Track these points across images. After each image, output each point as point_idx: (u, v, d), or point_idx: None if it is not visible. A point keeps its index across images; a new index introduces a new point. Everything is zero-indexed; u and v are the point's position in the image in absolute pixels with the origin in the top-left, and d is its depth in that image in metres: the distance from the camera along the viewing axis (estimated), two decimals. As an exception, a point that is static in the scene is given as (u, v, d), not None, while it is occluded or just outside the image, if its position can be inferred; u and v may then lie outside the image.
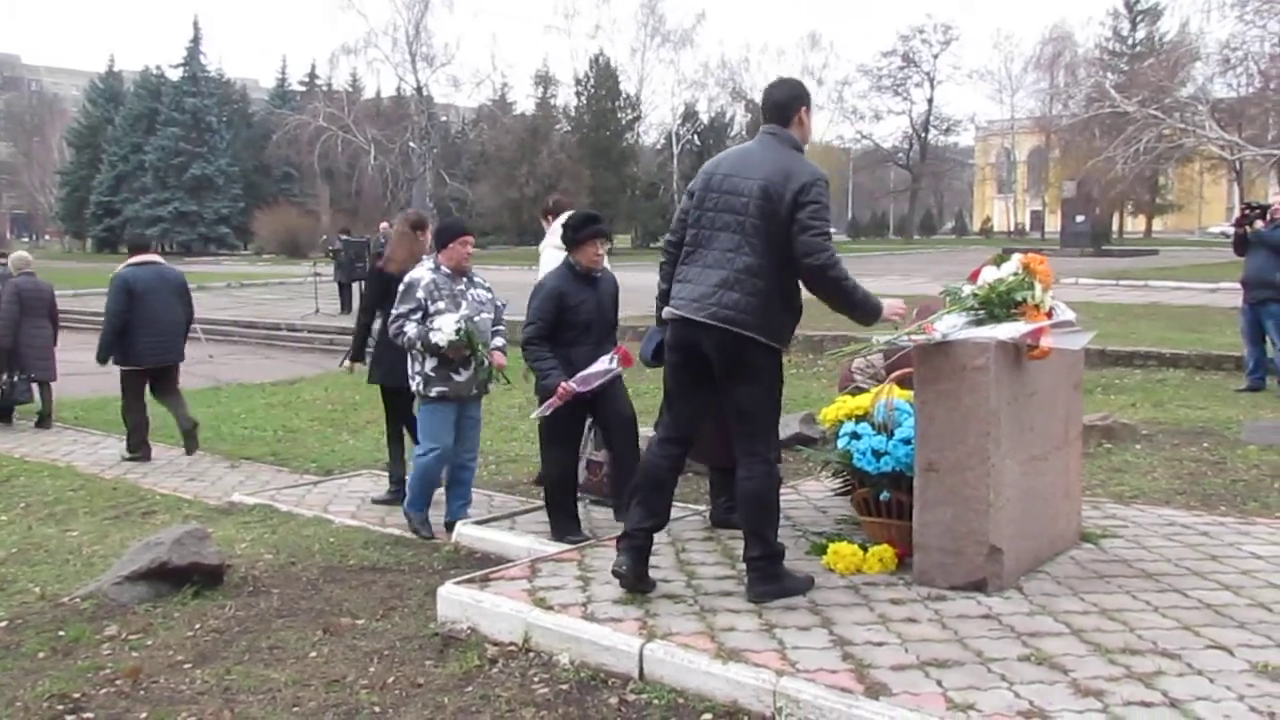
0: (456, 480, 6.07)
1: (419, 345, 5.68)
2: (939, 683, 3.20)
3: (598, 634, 3.73)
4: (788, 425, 8.09)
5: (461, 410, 5.89)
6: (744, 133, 56.17)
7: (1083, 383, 4.90)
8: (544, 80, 55.13)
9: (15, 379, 9.82)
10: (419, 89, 53.33)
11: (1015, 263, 4.19)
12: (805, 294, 4.07)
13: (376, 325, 6.64)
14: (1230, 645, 3.49)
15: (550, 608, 3.96)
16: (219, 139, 58.04)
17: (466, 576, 4.39)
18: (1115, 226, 54.90)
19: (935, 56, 62.80)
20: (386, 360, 6.40)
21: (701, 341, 3.97)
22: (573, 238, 5.43)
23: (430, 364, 5.74)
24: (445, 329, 5.61)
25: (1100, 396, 9.73)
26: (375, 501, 6.69)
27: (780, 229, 3.88)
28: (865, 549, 4.35)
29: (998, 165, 72.69)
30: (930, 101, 64.45)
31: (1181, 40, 37.20)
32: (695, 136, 58.10)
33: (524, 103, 58.46)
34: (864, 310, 3.98)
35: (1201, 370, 11.14)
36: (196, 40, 59.02)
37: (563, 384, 5.25)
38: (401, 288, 5.84)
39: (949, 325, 4.04)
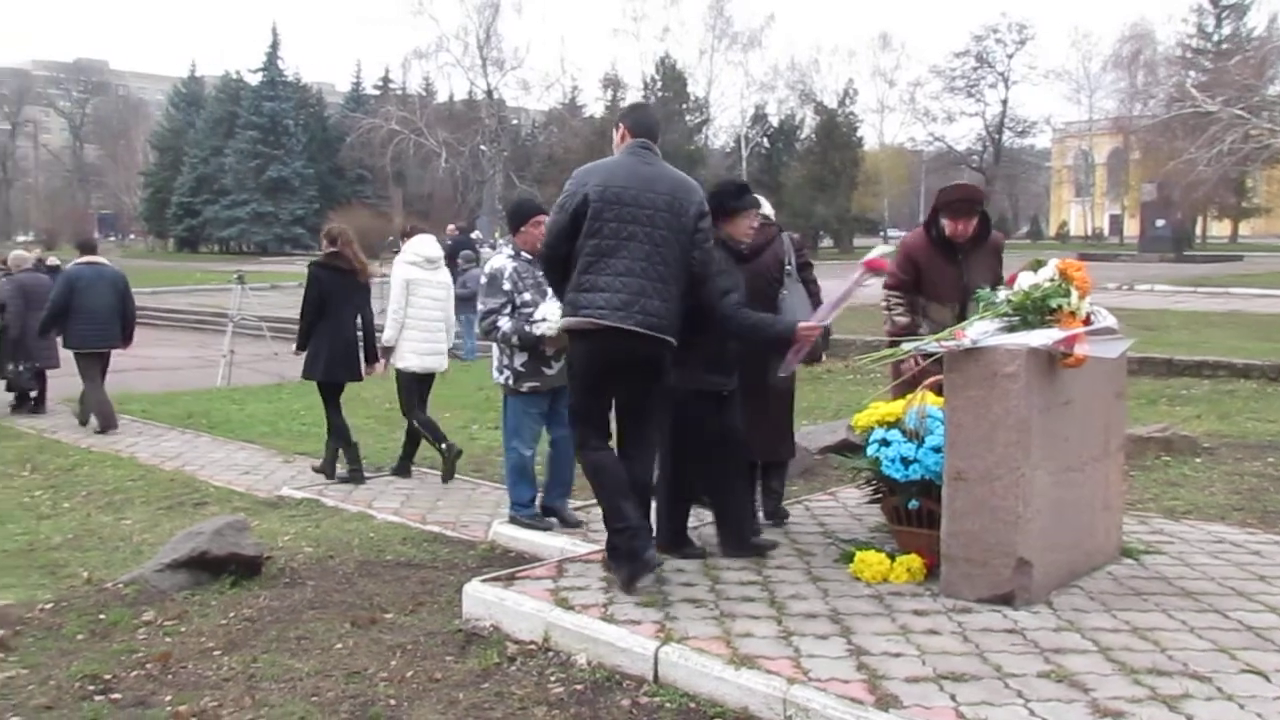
0: (566, 460, 5.72)
1: (515, 339, 5.51)
2: (953, 697, 3.13)
3: (615, 635, 3.73)
4: (835, 431, 8.02)
5: (554, 396, 5.66)
6: (813, 135, 55.81)
7: (1126, 392, 4.76)
8: (612, 83, 55.46)
9: (20, 368, 10.63)
10: (489, 92, 54.04)
11: (1052, 268, 4.09)
12: None
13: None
14: (1267, 670, 3.35)
15: (571, 608, 3.97)
16: (295, 142, 59.41)
17: (493, 574, 4.43)
18: (1198, 231, 53.30)
19: (1010, 56, 61.74)
20: (328, 356, 7.16)
21: (627, 349, 4.16)
22: (732, 206, 4.78)
23: (520, 359, 5.58)
24: (552, 318, 5.26)
25: (1164, 407, 9.45)
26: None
27: (683, 238, 4.25)
28: (894, 558, 4.28)
29: (1075, 168, 71.06)
30: (1004, 103, 63.36)
31: (1269, 36, 36.05)
32: (765, 139, 57.83)
33: (593, 105, 58.84)
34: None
35: (1275, 382, 10.74)
36: (275, 46, 60.60)
37: (801, 324, 4.50)
38: (485, 280, 5.68)
39: (980, 331, 3.96)
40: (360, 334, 7.53)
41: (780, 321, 4.63)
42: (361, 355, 7.53)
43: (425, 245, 7.47)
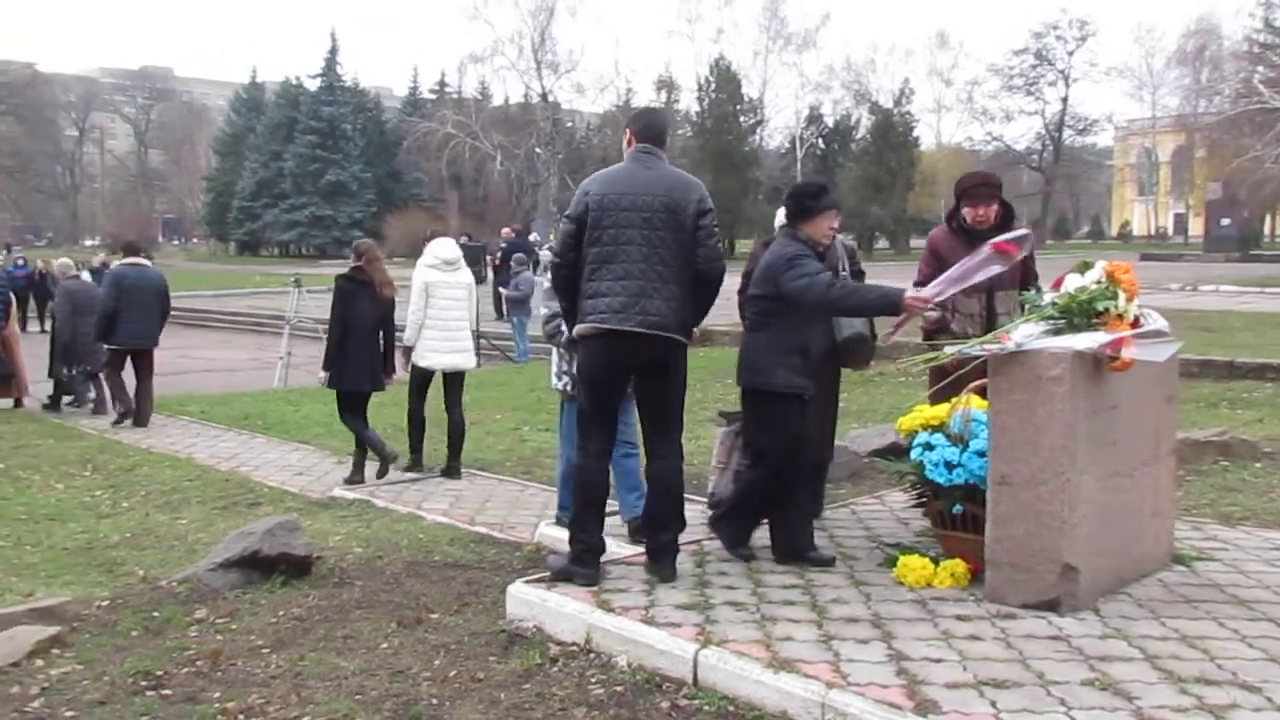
0: (625, 470, 5.59)
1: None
2: (993, 703, 3.10)
3: (655, 638, 3.74)
4: (884, 434, 7.95)
5: None
6: (868, 136, 55.35)
7: (1177, 395, 4.66)
8: (666, 85, 55.48)
9: (73, 372, 11.11)
10: (544, 95, 54.38)
11: (1099, 270, 4.02)
12: None
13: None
14: (1321, 681, 3.27)
15: (612, 610, 3.99)
16: (353, 146, 60.37)
17: (537, 576, 4.47)
18: (1266, 230, 51.88)
19: (1070, 53, 60.68)
20: (350, 366, 7.44)
21: (631, 350, 4.25)
22: (810, 207, 4.61)
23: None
24: None
25: (1225, 411, 9.20)
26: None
27: (684, 236, 4.30)
28: (938, 562, 4.24)
29: (1137, 166, 69.59)
30: (1065, 100, 62.28)
31: (1341, 32, 34.95)
32: (820, 140, 57.46)
33: (646, 108, 58.80)
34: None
35: (1343, 385, 10.41)
36: (333, 51, 61.71)
37: (909, 294, 4.29)
38: (548, 285, 5.61)
39: (1025, 334, 3.91)
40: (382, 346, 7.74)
41: (885, 289, 4.48)
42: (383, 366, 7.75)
43: (443, 248, 7.83)
